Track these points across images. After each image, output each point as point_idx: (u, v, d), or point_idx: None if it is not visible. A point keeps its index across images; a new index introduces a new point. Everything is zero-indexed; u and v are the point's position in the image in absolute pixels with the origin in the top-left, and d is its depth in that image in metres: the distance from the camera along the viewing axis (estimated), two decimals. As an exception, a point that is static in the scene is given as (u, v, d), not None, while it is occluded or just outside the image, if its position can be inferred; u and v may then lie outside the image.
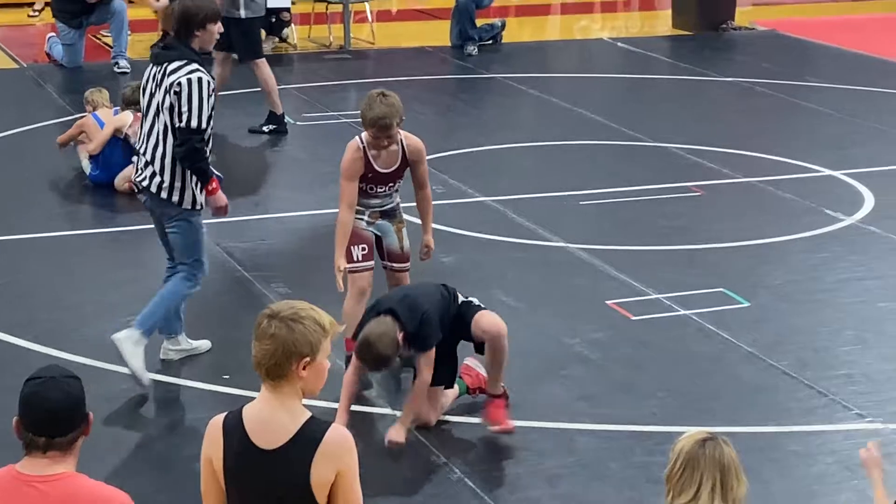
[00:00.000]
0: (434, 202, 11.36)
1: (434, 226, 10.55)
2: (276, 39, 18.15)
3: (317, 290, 9.18)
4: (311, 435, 4.30)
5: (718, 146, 13.22)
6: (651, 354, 8.65)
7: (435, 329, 7.38)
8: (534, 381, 8.28)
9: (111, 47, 16.93)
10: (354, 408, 7.71)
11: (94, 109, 12.03)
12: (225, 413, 4.44)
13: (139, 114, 11.96)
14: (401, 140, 8.07)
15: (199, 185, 8.03)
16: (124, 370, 8.00)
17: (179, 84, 7.88)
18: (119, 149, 11.76)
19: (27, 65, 17.06)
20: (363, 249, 8.04)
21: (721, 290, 9.59)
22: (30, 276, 9.95)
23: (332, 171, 12.38)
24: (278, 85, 14.09)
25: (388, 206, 8.26)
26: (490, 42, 18.36)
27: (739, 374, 8.37)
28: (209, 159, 8.08)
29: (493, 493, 6.95)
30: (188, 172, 7.97)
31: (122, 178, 11.60)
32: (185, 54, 7.99)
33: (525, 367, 8.40)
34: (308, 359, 4.28)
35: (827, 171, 12.48)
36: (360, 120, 8.11)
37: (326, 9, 18.58)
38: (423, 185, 8.26)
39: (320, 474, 4.28)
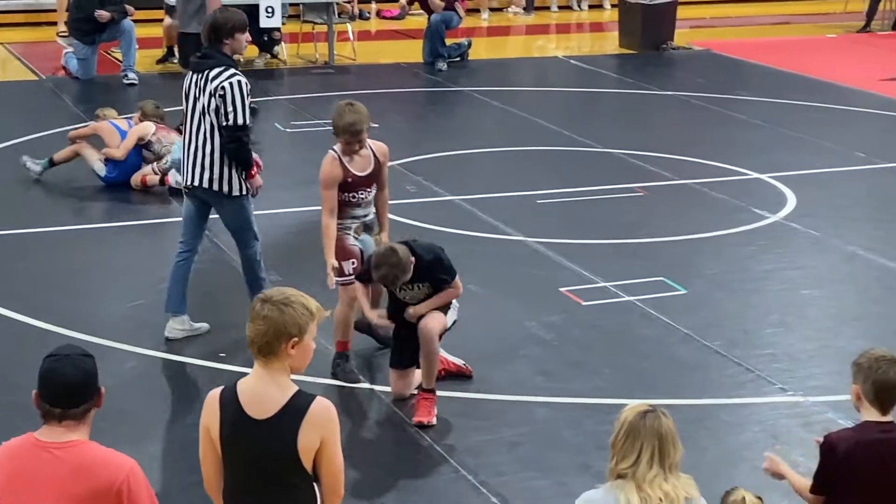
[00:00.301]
0: (408, 201, 11.45)
1: (408, 221, 10.59)
2: (268, 56, 18.09)
3: (305, 279, 9.15)
4: (298, 406, 4.30)
5: (659, 152, 13.23)
6: (599, 336, 8.64)
7: (448, 262, 7.44)
8: (496, 360, 8.27)
9: (121, 62, 16.84)
10: (337, 384, 7.71)
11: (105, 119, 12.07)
12: (221, 387, 4.44)
13: (160, 125, 12.07)
14: (369, 146, 7.92)
15: (243, 173, 8.19)
16: (134, 349, 8.01)
17: (223, 88, 8.03)
18: (135, 154, 11.86)
19: (46, 77, 16.96)
20: (353, 263, 7.79)
21: (661, 278, 9.59)
22: (48, 265, 9.89)
23: (318, 173, 12.39)
24: (269, 96, 14.02)
25: (370, 217, 7.99)
26: (458, 59, 18.32)
27: (677, 353, 8.37)
28: (251, 154, 8.27)
29: (458, 457, 6.93)
30: (235, 164, 8.14)
31: (138, 175, 11.75)
32: (222, 61, 8.15)
33: (488, 347, 8.40)
34: (296, 339, 4.30)
35: (755, 175, 12.49)
36: (341, 129, 7.98)
37: (313, 28, 18.53)
38: (383, 187, 7.99)
39: (306, 441, 4.28)
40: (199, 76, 8.16)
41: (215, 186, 8.20)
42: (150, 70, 17.28)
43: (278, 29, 17.74)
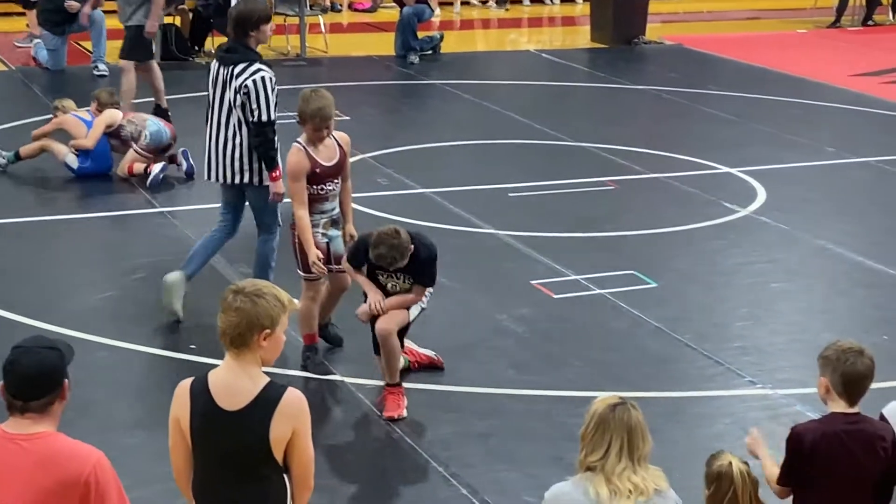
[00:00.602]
0: (379, 193, 11.43)
1: (379, 214, 10.58)
2: (240, 48, 18.00)
3: (275, 270, 9.14)
4: (270, 397, 4.30)
5: (630, 146, 13.24)
6: (570, 328, 8.65)
7: (435, 269, 7.40)
8: (466, 352, 8.27)
9: (91, 53, 16.75)
10: (309, 376, 7.70)
11: (66, 113, 11.97)
12: (191, 378, 4.42)
13: (128, 112, 12.06)
14: (333, 136, 7.81)
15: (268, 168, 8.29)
16: (103, 340, 7.97)
17: (247, 86, 8.16)
18: (103, 142, 11.79)
19: (16, 67, 16.85)
20: (319, 259, 7.69)
21: (632, 272, 9.60)
22: (17, 256, 9.83)
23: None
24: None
25: (336, 212, 7.85)
26: (430, 52, 18.30)
27: (647, 345, 8.39)
28: (276, 150, 8.30)
29: (429, 449, 6.93)
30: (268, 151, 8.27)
31: (125, 164, 11.77)
32: (247, 55, 8.25)
33: (459, 339, 8.39)
34: (268, 331, 4.30)
35: (725, 169, 12.52)
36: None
37: (284, 21, 18.46)
38: (346, 179, 7.87)
39: (278, 432, 4.28)
40: (226, 70, 8.28)
41: (245, 179, 8.36)
42: (120, 62, 17.18)
43: (250, 21, 17.66)
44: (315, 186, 7.68)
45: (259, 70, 8.19)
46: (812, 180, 12.30)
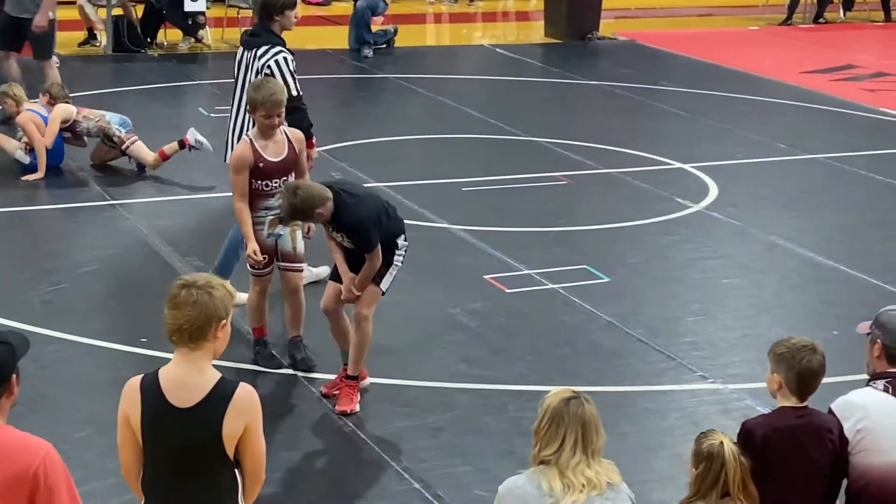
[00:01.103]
0: (332, 187, 11.39)
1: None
2: (193, 40, 17.94)
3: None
4: (223, 393, 4.28)
5: (583, 141, 13.28)
6: (523, 323, 8.66)
7: (369, 233, 7.07)
8: (419, 346, 8.27)
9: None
10: (259, 369, 7.67)
11: (18, 105, 11.76)
12: (141, 375, 4.39)
13: (80, 107, 11.93)
14: (284, 132, 7.62)
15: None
16: (53, 333, 7.90)
17: (269, 67, 8.50)
18: (59, 137, 11.68)
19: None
20: (265, 258, 7.55)
21: (584, 266, 9.62)
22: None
23: (242, 158, 12.32)
24: (194, 81, 13.89)
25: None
26: (384, 46, 18.28)
27: (599, 340, 8.41)
28: (310, 120, 8.61)
29: (381, 444, 6.92)
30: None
31: (147, 155, 11.68)
32: (270, 39, 8.60)
33: (412, 333, 8.39)
34: (224, 321, 4.29)
35: (677, 164, 12.58)
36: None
37: (238, 13, 18.38)
38: (303, 173, 7.69)
39: (231, 427, 4.26)
40: (250, 53, 8.62)
41: None
42: (71, 52, 17.07)
43: (203, 13, 17.61)
44: (260, 182, 7.48)
45: (280, 52, 8.53)
46: (764, 176, 12.38)
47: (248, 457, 4.34)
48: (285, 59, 8.54)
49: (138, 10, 17.97)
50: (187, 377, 4.29)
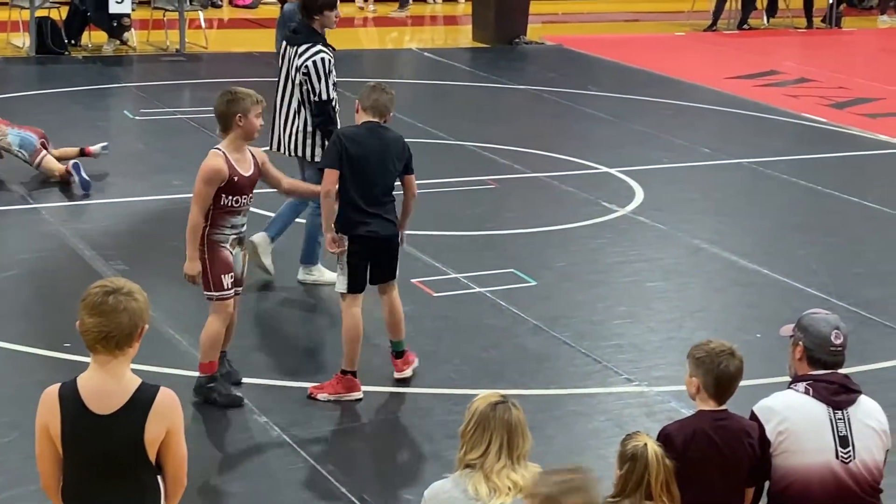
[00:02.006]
0: (261, 191, 11.30)
1: (261, 212, 10.53)
2: (118, 42, 17.79)
3: (152, 267, 9.08)
4: (144, 398, 4.26)
5: (511, 145, 13.33)
6: (450, 326, 8.68)
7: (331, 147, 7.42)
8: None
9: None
10: (184, 374, 7.62)
11: None
12: (58, 384, 4.35)
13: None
14: (250, 150, 7.33)
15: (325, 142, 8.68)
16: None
17: (307, 67, 8.75)
18: None
19: None
20: (232, 277, 7.19)
21: (511, 270, 9.66)
22: None
23: (167, 161, 12.26)
24: (119, 83, 13.79)
25: (244, 230, 7.39)
26: (311, 49, 18.21)
27: (526, 343, 8.45)
28: (337, 124, 8.77)
29: (308, 447, 6.90)
30: (318, 134, 8.84)
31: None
32: (310, 37, 8.83)
33: (337, 336, 8.36)
34: (146, 326, 4.28)
35: (603, 169, 12.66)
36: (192, 115, 7.87)
37: (164, 15, 18.26)
38: (279, 178, 7.53)
39: (153, 432, 4.24)
40: (293, 50, 8.89)
41: (299, 152, 8.97)
42: (-6, 54, 16.89)
43: (128, 15, 17.47)
44: (230, 197, 7.12)
45: (319, 52, 8.74)
46: (688, 180, 12.50)
47: (170, 461, 4.31)
48: (323, 59, 8.74)
49: (62, 12, 17.80)
50: (107, 384, 4.26)
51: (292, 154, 9.06)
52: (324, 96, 8.78)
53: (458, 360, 8.11)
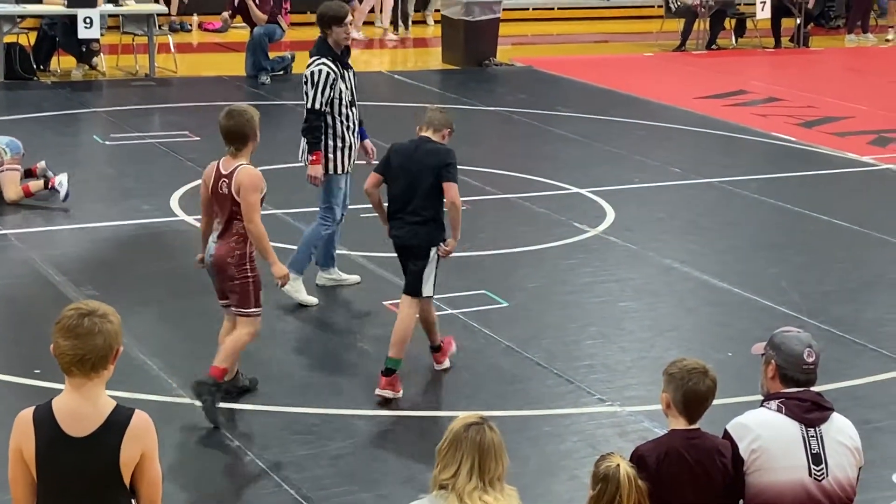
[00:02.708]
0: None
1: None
2: (87, 67, 17.75)
3: (122, 292, 9.04)
4: (119, 420, 4.25)
5: (482, 167, 13.34)
6: (423, 349, 8.59)
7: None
8: (319, 373, 8.24)
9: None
10: (161, 399, 7.58)
11: None
12: (32, 407, 4.32)
13: None
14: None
15: (341, 154, 9.18)
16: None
17: (305, 76, 9.16)
18: None
19: None
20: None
21: (483, 291, 9.66)
22: None
23: (136, 186, 12.23)
24: (88, 108, 13.74)
25: None
26: (281, 73, 18.23)
27: (499, 364, 8.45)
28: (319, 137, 9.12)
29: (281, 472, 6.88)
30: (326, 143, 9.15)
31: (12, 184, 11.45)
32: (319, 49, 9.18)
33: (311, 360, 8.36)
34: (121, 348, 4.29)
35: (574, 189, 12.69)
36: (162, 140, 7.86)
37: (133, 40, 18.23)
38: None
39: (128, 455, 4.24)
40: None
41: (300, 159, 9.34)
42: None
43: (97, 40, 17.43)
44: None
45: (320, 63, 9.05)
46: (659, 200, 12.54)
47: (145, 484, 4.30)
48: (320, 71, 9.03)
49: (31, 37, 17.75)
50: (82, 406, 4.24)
51: (304, 163, 9.35)
52: (309, 104, 9.08)
53: (432, 383, 8.10)
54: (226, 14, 18.80)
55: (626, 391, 8.04)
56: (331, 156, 9.22)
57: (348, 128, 9.26)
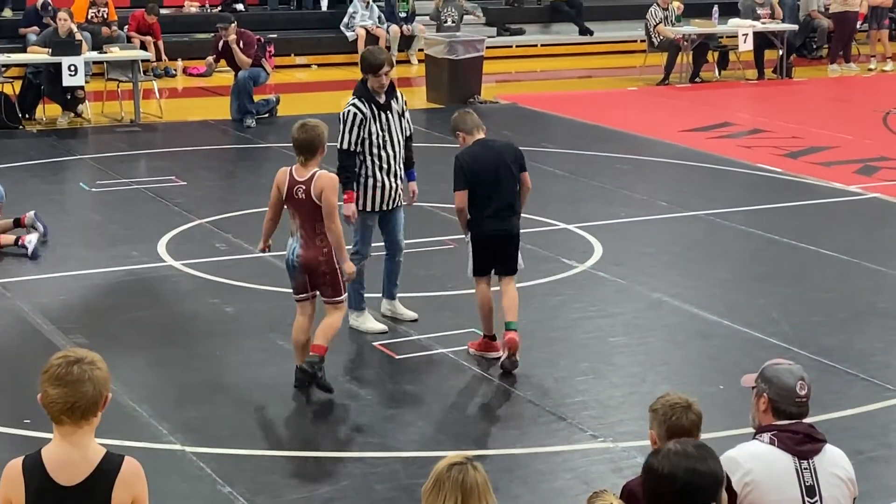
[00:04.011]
0: (218, 259, 11.34)
1: (218, 279, 10.50)
2: (72, 114, 17.77)
3: (112, 339, 9.02)
4: (110, 467, 4.24)
5: (468, 204, 13.30)
6: (412, 388, 8.65)
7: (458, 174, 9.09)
8: (311, 416, 8.21)
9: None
10: (145, 446, 7.54)
11: None
12: (21, 457, 4.30)
13: None
14: None
15: (371, 193, 9.51)
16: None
17: (340, 115, 9.50)
18: None
19: None
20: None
21: (473, 329, 9.63)
22: None
23: (124, 232, 12.22)
24: (74, 156, 13.73)
25: None
26: (266, 115, 18.27)
27: (489, 403, 8.43)
28: (350, 176, 9.41)
29: (274, 517, 6.84)
30: (358, 181, 9.46)
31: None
32: (357, 91, 9.51)
33: (299, 403, 8.33)
34: (110, 395, 4.28)
35: (562, 225, 12.70)
36: (148, 185, 7.87)
37: (118, 86, 18.26)
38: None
39: (119, 502, 4.22)
40: None
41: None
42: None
43: (82, 87, 17.46)
44: None
45: (351, 104, 9.42)
46: (646, 234, 12.55)
47: (136, 530, 4.27)
48: (349, 111, 9.38)
49: (16, 86, 17.77)
50: (72, 454, 4.23)
51: None
52: (340, 145, 9.47)
53: (422, 423, 8.08)
54: (210, 58, 18.86)
55: (619, 427, 8.02)
56: (360, 193, 9.48)
57: (381, 168, 9.51)
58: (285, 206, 8.43)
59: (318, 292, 8.43)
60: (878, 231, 12.96)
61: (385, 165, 9.52)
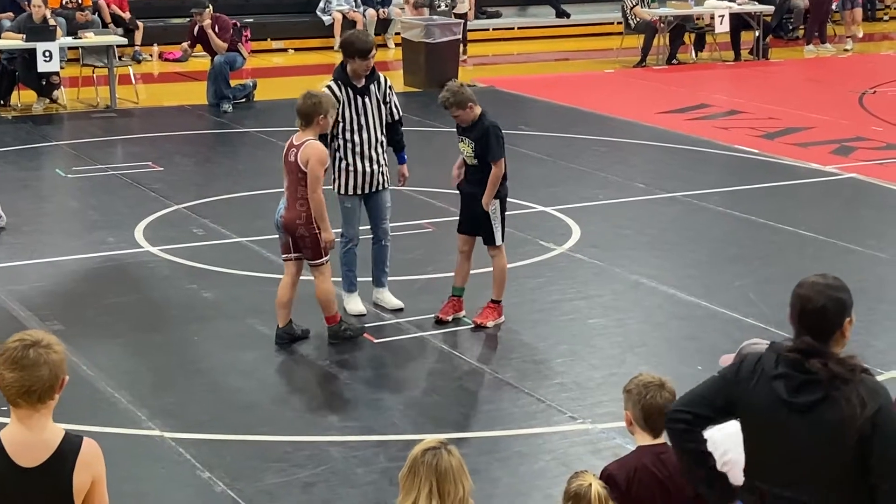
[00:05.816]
0: (195, 244, 11.31)
1: (195, 265, 10.48)
2: (47, 101, 17.68)
3: (89, 326, 8.96)
4: (70, 448, 4.27)
5: (446, 188, 13.28)
6: (391, 372, 8.65)
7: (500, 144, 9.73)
8: (288, 400, 8.21)
9: None
10: (131, 431, 7.54)
11: None
12: None
13: None
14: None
15: (345, 176, 9.57)
16: None
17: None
18: None
19: None
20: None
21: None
22: None
23: (101, 218, 12.18)
24: (49, 142, 13.69)
25: None
26: (243, 100, 18.22)
27: (468, 386, 8.43)
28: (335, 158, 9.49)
29: (253, 501, 6.83)
30: (334, 165, 9.50)
31: None
32: (335, 73, 9.62)
33: (280, 387, 8.32)
34: (66, 378, 4.29)
35: (540, 208, 12.71)
36: (124, 171, 7.85)
37: (93, 72, 18.18)
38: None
39: (80, 482, 4.26)
40: None
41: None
42: (-78, 117, 16.71)
43: (57, 73, 17.38)
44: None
45: (325, 86, 9.45)
46: (624, 216, 12.56)
47: (97, 510, 4.29)
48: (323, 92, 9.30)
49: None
50: (31, 437, 4.25)
51: None
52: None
53: (402, 406, 8.08)
54: (185, 44, 18.78)
55: (598, 408, 8.04)
56: (336, 176, 9.54)
57: (354, 151, 9.53)
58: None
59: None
60: (855, 211, 13.00)
61: (359, 150, 9.52)
